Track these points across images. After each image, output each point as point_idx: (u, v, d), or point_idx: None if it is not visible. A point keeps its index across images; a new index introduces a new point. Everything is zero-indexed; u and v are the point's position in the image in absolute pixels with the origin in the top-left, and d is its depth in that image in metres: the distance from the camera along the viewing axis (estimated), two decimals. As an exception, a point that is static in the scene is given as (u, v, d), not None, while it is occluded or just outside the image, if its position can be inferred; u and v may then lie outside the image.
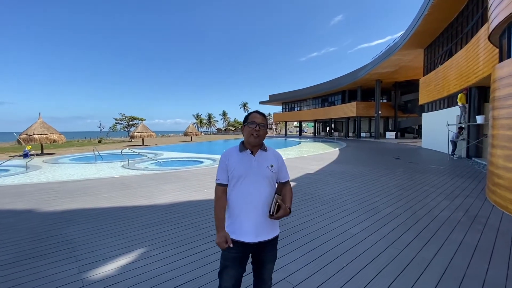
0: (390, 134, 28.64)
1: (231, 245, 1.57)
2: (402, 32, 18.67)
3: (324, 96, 40.09)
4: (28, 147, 15.33)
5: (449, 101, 13.90)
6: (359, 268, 2.59)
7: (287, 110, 48.89)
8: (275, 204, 1.58)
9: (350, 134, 36.92)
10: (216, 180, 1.67)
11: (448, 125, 11.45)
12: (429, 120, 16.91)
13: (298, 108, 45.97)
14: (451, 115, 12.64)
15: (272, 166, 1.70)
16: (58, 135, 18.29)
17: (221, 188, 1.67)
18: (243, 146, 1.70)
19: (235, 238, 1.60)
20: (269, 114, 70.23)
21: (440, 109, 15.16)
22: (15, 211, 4.55)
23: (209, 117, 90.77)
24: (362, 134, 33.65)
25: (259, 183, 1.63)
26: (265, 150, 1.73)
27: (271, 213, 1.57)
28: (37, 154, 15.83)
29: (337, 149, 17.15)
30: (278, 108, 54.01)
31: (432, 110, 16.52)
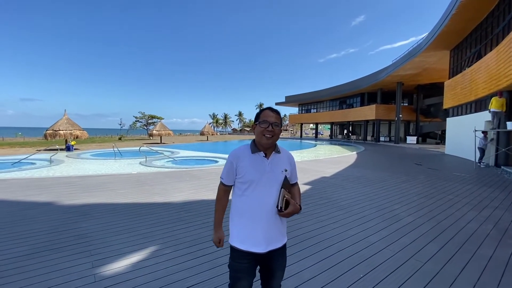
0: (411, 139, 27.52)
1: (222, 247, 1.61)
2: (427, 34, 17.90)
3: (342, 98, 39.27)
4: (73, 143, 17.42)
5: (476, 105, 13.13)
6: (378, 280, 2.43)
7: (303, 111, 48.34)
8: (283, 199, 1.46)
9: (369, 137, 35.88)
10: (220, 178, 1.59)
11: (476, 130, 10.80)
12: (454, 125, 16.06)
13: (315, 110, 45.32)
14: (479, 120, 11.92)
15: (286, 170, 1.57)
16: (81, 131, 19.09)
17: (224, 188, 1.59)
18: (255, 147, 1.54)
19: (245, 248, 1.49)
20: (285, 115, 69.80)
21: (466, 113, 14.36)
22: (37, 203, 4.72)
23: (225, 117, 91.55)
24: (381, 138, 32.60)
25: (272, 189, 1.50)
26: (279, 152, 1.58)
27: (279, 208, 1.46)
28: (61, 149, 16.58)
29: (354, 152, 16.68)
30: (294, 110, 53.54)
31: (457, 115, 15.68)
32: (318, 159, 12.76)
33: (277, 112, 1.54)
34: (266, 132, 1.47)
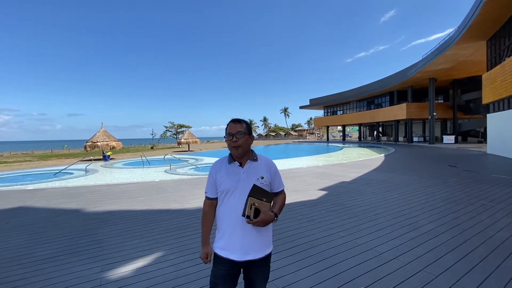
0: (449, 138, 25.50)
1: (209, 262, 1.56)
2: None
3: (369, 98, 37.75)
4: (109, 153, 18.88)
5: (521, 99, 11.84)
6: (379, 293, 2.30)
7: (329, 114, 47.23)
8: (251, 207, 1.43)
9: (401, 138, 33.91)
10: (205, 192, 1.65)
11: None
12: (495, 121, 14.60)
13: (341, 112, 44.04)
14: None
15: (262, 177, 1.56)
16: (116, 142, 20.57)
17: (208, 202, 1.64)
18: (231, 158, 1.60)
19: (223, 255, 1.52)
20: (310, 118, 68.67)
21: (509, 108, 12.99)
22: (67, 210, 5.18)
23: (250, 123, 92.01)
24: (415, 139, 30.65)
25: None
26: (255, 160, 1.60)
27: (246, 217, 1.43)
28: (98, 159, 17.99)
29: (382, 155, 15.88)
30: (319, 113, 52.49)
31: (499, 110, 14.25)
32: (341, 163, 12.35)
33: (239, 122, 1.57)
34: (232, 143, 1.53)
